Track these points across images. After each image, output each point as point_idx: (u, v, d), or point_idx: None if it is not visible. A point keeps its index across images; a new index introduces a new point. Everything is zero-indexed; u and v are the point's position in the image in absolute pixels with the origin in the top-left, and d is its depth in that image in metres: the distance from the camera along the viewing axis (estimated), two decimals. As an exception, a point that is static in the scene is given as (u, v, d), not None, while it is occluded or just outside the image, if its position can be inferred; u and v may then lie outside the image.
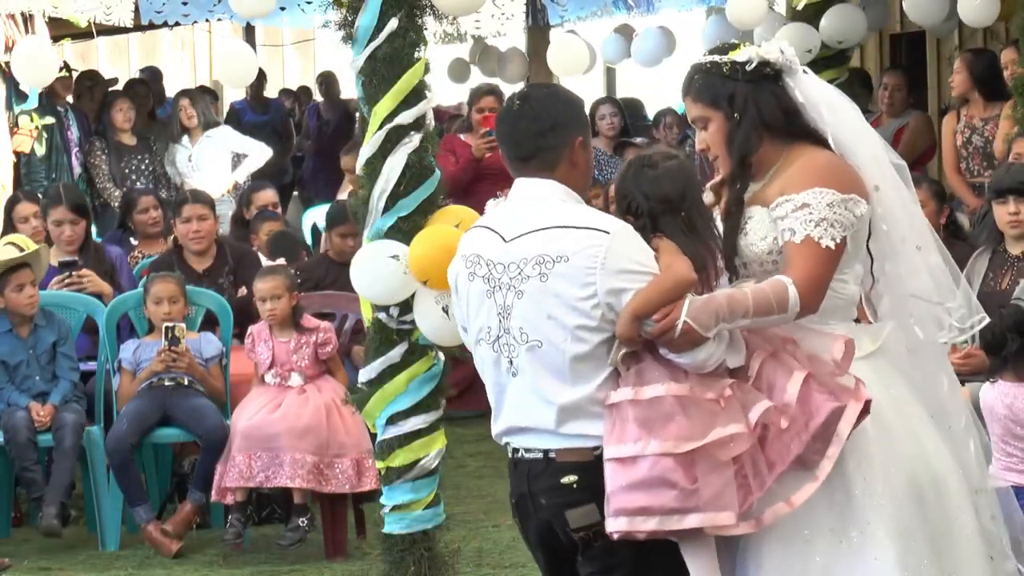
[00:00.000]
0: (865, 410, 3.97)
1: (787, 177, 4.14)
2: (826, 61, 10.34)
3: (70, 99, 12.14)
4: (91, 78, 12.84)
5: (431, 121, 6.45)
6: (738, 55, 4.17)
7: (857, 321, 4.24)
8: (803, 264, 4.02)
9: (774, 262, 4.12)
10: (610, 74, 15.19)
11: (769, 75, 4.19)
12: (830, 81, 10.29)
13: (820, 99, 4.20)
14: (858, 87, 10.69)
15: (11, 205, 9.25)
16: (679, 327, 3.90)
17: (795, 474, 3.94)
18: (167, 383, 7.80)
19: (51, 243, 8.64)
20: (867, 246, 4.20)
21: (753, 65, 4.16)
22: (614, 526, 3.91)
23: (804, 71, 4.23)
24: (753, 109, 4.16)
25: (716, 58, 4.21)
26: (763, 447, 3.94)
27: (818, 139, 4.21)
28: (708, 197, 4.26)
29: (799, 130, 4.19)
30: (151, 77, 14.41)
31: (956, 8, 9.55)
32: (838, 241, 4.02)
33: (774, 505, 3.94)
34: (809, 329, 4.07)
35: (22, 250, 8.01)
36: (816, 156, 4.14)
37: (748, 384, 4.00)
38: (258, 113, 14.27)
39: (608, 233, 3.97)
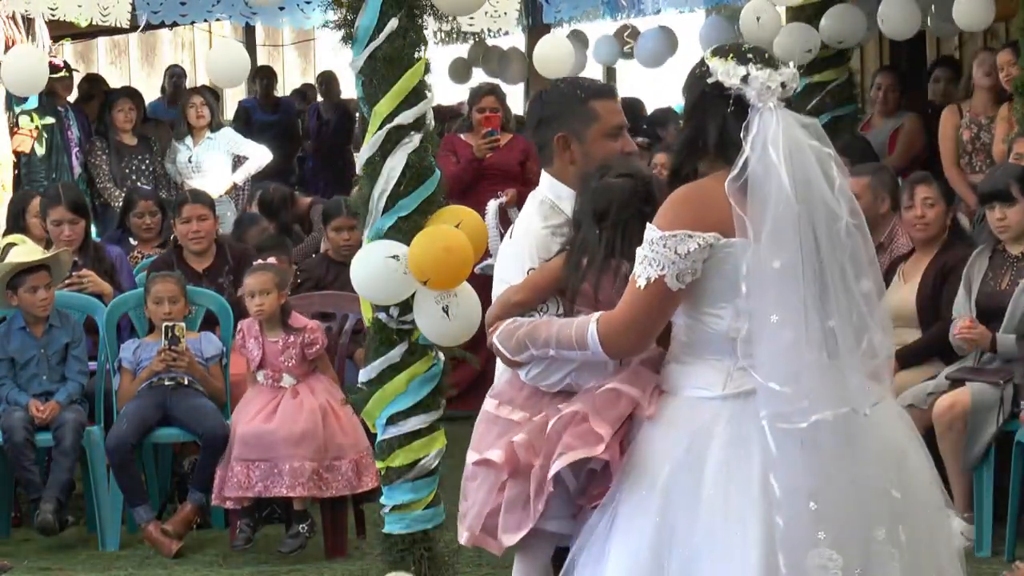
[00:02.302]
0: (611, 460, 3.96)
1: None
2: (826, 61, 10.36)
3: (71, 100, 12.15)
4: (92, 82, 12.86)
5: (431, 121, 6.45)
6: (712, 63, 3.91)
7: None
8: (620, 303, 3.94)
9: None
10: (610, 74, 15.17)
11: (728, 96, 3.85)
12: (830, 81, 10.42)
13: (772, 139, 3.77)
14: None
15: (24, 200, 9.25)
16: (492, 346, 4.14)
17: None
18: (167, 383, 7.80)
19: (50, 243, 8.63)
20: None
21: (712, 80, 3.88)
22: None
23: (772, 107, 3.79)
24: (696, 123, 3.93)
25: (705, 57, 4.01)
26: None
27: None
28: None
29: (728, 161, 3.84)
30: (174, 76, 14.44)
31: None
32: (652, 279, 3.80)
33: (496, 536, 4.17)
34: (677, 363, 3.97)
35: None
36: (679, 191, 3.92)
37: (576, 415, 4.02)
38: (267, 112, 14.27)
39: (511, 239, 4.34)
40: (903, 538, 3.79)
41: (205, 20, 11.18)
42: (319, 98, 15.62)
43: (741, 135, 3.77)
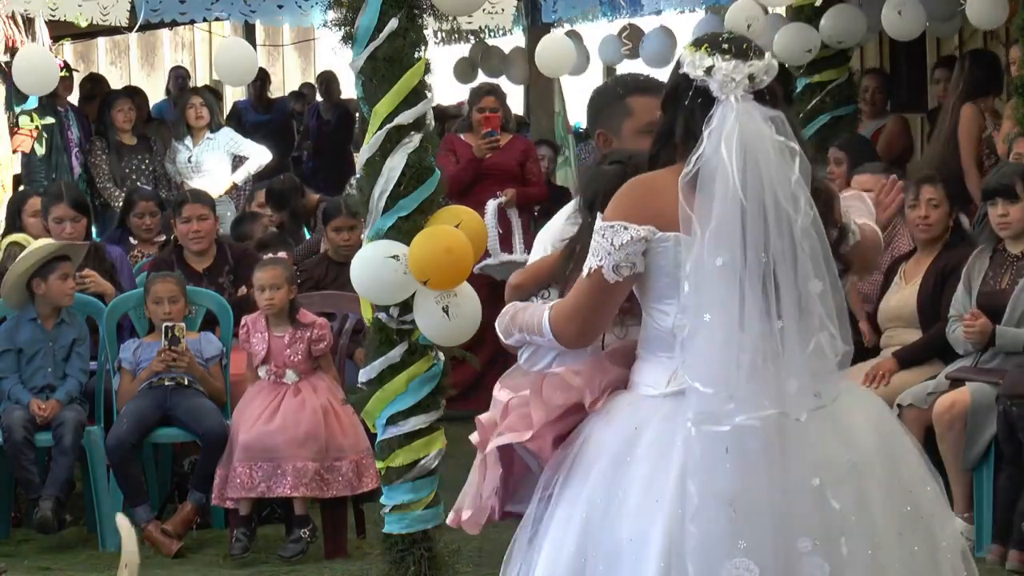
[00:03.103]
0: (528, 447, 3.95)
1: None
2: (826, 61, 10.35)
3: (73, 101, 12.15)
4: (94, 82, 12.87)
5: (431, 121, 6.45)
6: (683, 53, 3.83)
7: None
8: (569, 292, 3.94)
9: None
10: (610, 74, 15.17)
11: (697, 88, 3.76)
12: (830, 81, 10.41)
13: (727, 133, 3.68)
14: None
15: (21, 200, 9.26)
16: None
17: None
18: (167, 383, 7.79)
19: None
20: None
21: (681, 71, 3.80)
22: None
23: (734, 100, 3.69)
24: (668, 114, 3.86)
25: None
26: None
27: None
28: None
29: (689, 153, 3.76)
30: (179, 77, 14.45)
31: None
32: (592, 270, 3.77)
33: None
34: (637, 358, 3.92)
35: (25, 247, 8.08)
36: (628, 182, 3.86)
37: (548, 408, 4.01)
38: (260, 113, 14.27)
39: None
40: (845, 551, 3.62)
41: (204, 19, 11.17)
42: (319, 98, 15.62)
43: (703, 128, 3.71)
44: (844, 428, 3.72)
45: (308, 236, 10.85)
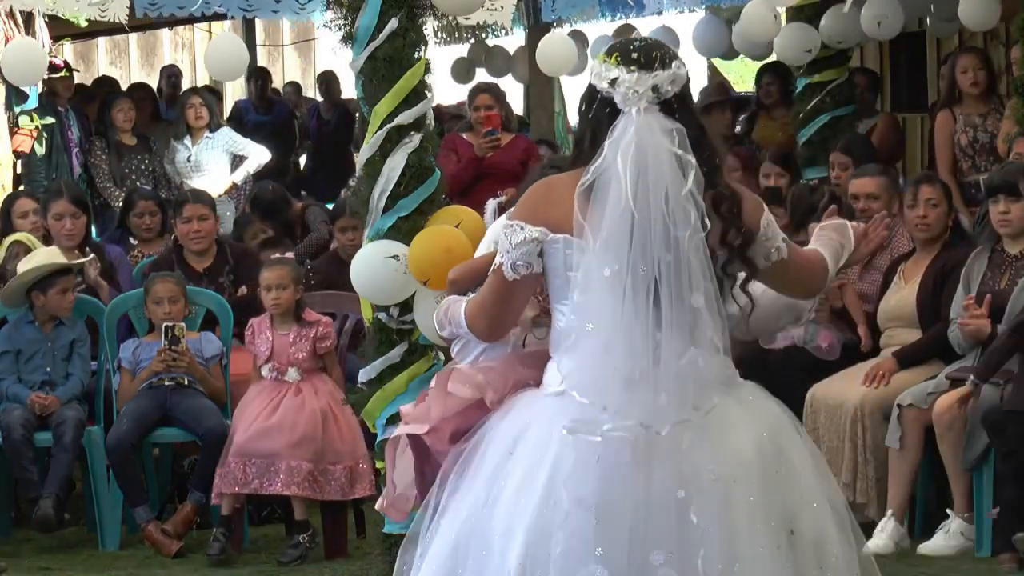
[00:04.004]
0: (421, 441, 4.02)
1: None
2: (826, 61, 10.35)
3: (82, 99, 12.14)
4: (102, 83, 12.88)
5: (431, 121, 6.46)
6: (592, 63, 3.85)
7: None
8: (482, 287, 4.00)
9: None
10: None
11: (603, 98, 3.78)
12: (830, 81, 10.42)
13: (624, 145, 3.69)
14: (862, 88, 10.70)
15: (10, 202, 9.26)
16: None
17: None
18: (167, 383, 7.79)
19: (49, 241, 8.64)
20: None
21: (591, 80, 3.83)
22: None
23: (635, 112, 3.70)
24: (581, 123, 3.89)
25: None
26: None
27: None
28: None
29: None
30: (171, 76, 14.44)
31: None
32: (496, 266, 3.84)
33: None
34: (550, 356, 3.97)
35: (29, 249, 8.14)
36: (533, 184, 3.95)
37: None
38: (261, 113, 14.26)
39: None
40: (700, 565, 3.62)
41: (203, 13, 11.14)
42: (319, 98, 15.61)
43: (605, 138, 3.73)
44: (716, 442, 3.71)
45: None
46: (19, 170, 10.90)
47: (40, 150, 10.93)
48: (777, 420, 3.86)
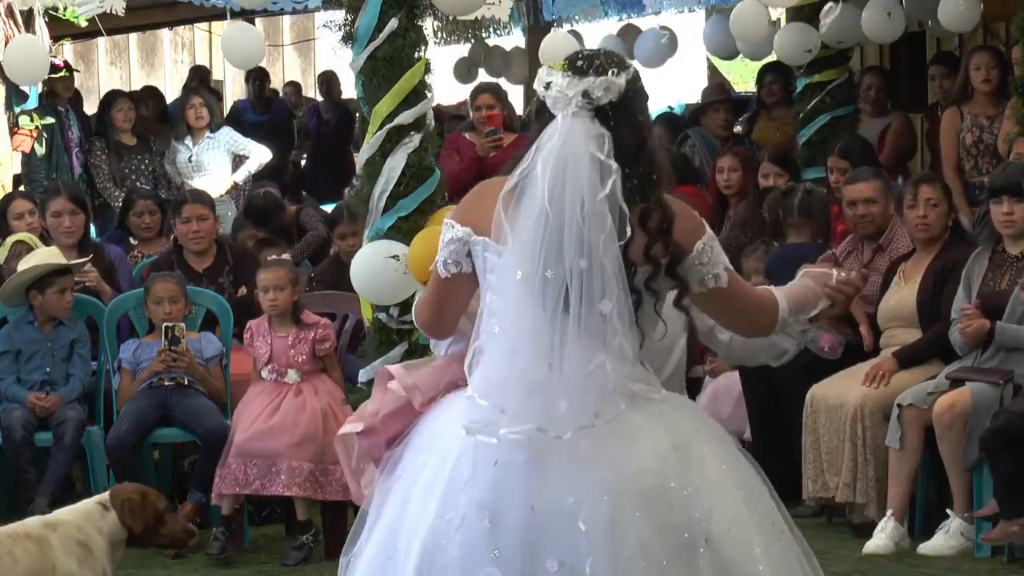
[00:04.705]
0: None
1: None
2: (826, 61, 10.35)
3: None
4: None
5: (431, 121, 6.46)
6: (543, 68, 3.85)
7: None
8: None
9: None
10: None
11: (543, 103, 3.79)
12: (830, 81, 10.42)
13: (547, 150, 3.69)
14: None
15: (6, 203, 9.28)
16: None
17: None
18: (167, 383, 7.80)
19: (48, 242, 8.65)
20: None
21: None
22: None
23: (562, 116, 3.69)
24: (530, 127, 3.94)
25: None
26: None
27: None
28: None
29: None
30: (200, 76, 14.46)
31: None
32: (432, 264, 3.90)
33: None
34: None
35: (31, 248, 8.17)
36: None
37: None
38: (259, 113, 14.27)
39: None
40: (588, 573, 3.59)
41: (202, 3, 11.14)
42: (319, 98, 15.61)
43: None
44: (614, 452, 3.67)
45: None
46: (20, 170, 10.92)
47: (40, 150, 10.93)
48: (689, 433, 3.76)
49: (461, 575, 3.65)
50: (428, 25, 6.48)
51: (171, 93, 14.84)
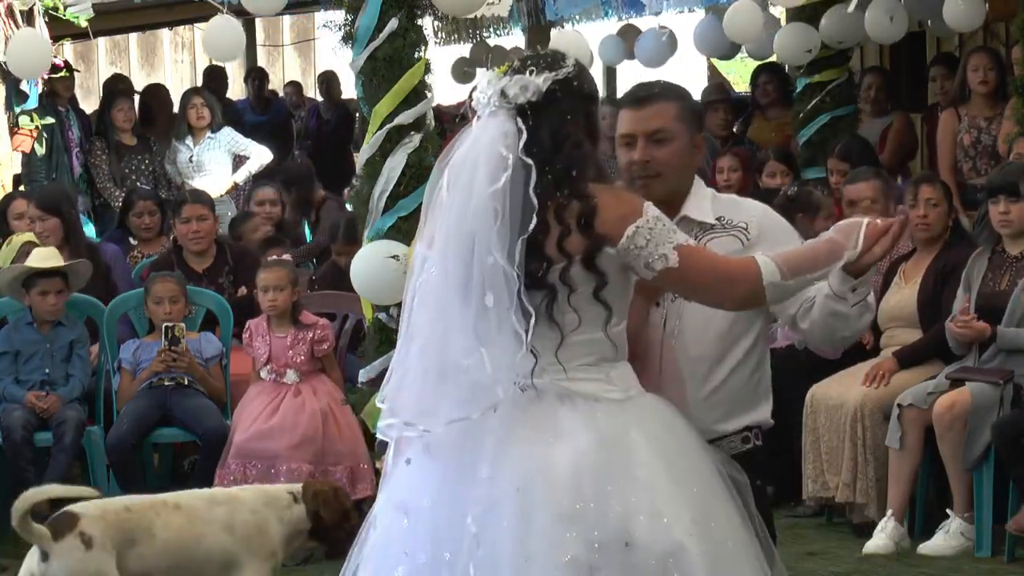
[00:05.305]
0: None
1: None
2: (826, 61, 10.35)
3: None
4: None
5: (431, 121, 6.46)
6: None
7: None
8: None
9: None
10: (610, 74, 15.16)
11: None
12: (830, 81, 10.42)
13: (458, 147, 3.79)
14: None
15: (6, 203, 9.29)
16: None
17: None
18: (167, 383, 7.80)
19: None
20: None
21: None
22: None
23: (479, 116, 3.80)
24: None
25: None
26: None
27: None
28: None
29: None
30: (215, 77, 14.48)
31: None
32: None
33: None
34: None
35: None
36: None
37: None
38: (258, 113, 14.27)
39: None
40: (472, 571, 3.61)
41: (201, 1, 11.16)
42: (319, 98, 15.60)
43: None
44: (526, 451, 3.66)
45: (308, 238, 10.83)
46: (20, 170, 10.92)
47: (40, 150, 10.93)
48: (617, 433, 3.71)
49: (377, 569, 3.75)
50: (428, 25, 6.47)
51: (171, 93, 14.80)
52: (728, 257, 3.95)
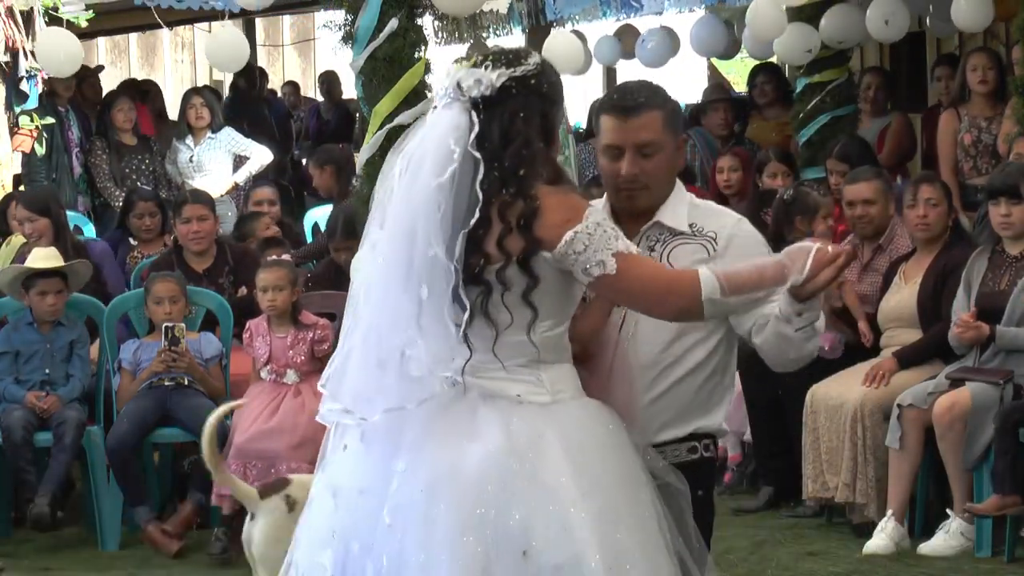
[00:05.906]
0: None
1: None
2: (826, 61, 10.36)
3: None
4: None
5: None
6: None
7: None
8: None
9: None
10: (610, 74, 15.18)
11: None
12: (830, 81, 10.42)
13: (410, 138, 3.78)
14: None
15: (5, 203, 9.31)
16: None
17: None
18: (167, 383, 7.80)
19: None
20: None
21: None
22: None
23: (436, 107, 3.77)
24: None
25: None
26: None
27: None
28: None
29: None
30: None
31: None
32: None
33: None
34: None
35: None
36: None
37: None
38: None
39: None
40: (385, 563, 3.63)
41: (201, 7, 11.15)
42: (319, 98, 15.62)
43: None
44: (440, 449, 3.67)
45: (309, 238, 10.83)
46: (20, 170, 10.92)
47: (40, 150, 10.93)
48: (531, 437, 3.68)
49: (307, 548, 3.85)
50: (428, 25, 6.48)
51: (172, 93, 14.82)
52: (671, 268, 3.94)
